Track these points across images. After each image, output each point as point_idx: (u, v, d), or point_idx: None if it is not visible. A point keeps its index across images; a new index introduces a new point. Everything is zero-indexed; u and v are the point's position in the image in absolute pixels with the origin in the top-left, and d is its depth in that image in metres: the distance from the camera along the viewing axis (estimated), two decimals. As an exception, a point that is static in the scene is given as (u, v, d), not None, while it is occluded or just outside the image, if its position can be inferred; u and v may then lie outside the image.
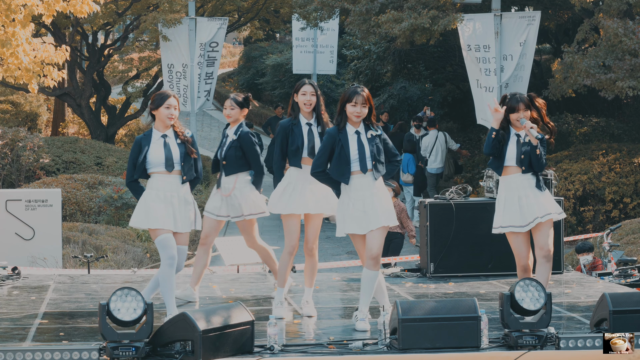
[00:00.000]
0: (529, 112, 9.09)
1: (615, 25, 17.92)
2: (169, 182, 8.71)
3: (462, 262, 11.41)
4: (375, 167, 8.65)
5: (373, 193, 8.62)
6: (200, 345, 7.24)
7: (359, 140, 8.62)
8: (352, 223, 8.64)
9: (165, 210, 8.65)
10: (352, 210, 8.62)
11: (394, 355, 7.56)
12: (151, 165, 8.72)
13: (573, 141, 22.52)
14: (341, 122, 8.66)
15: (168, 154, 8.70)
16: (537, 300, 7.78)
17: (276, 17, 29.84)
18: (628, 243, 15.10)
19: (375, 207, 8.58)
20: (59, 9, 15.49)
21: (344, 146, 8.60)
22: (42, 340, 8.08)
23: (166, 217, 8.64)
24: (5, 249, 13.32)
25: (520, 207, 9.06)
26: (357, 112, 8.56)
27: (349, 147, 8.60)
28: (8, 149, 20.73)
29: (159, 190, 8.70)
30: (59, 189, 15.12)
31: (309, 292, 9.25)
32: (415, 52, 25.98)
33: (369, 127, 8.69)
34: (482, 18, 19.97)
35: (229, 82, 42.03)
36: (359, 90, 8.57)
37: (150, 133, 8.81)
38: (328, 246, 18.85)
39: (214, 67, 22.74)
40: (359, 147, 8.61)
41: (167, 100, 8.75)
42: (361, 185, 8.62)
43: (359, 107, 8.56)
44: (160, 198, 8.68)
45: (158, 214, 8.63)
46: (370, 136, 8.66)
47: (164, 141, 8.74)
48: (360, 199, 8.60)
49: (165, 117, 8.73)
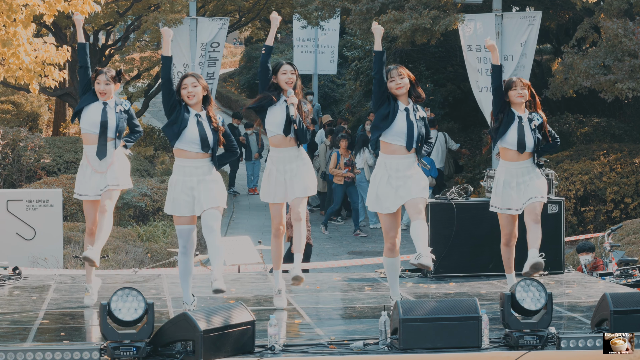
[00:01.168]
0: (526, 91, 9.50)
1: (615, 26, 17.92)
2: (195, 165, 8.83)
3: (463, 262, 11.41)
4: (419, 150, 8.96)
5: (409, 175, 8.92)
6: (201, 345, 7.25)
7: (407, 118, 8.90)
8: (386, 201, 8.93)
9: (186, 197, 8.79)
10: (386, 187, 8.92)
11: (395, 355, 7.56)
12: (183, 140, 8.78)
13: (574, 141, 22.51)
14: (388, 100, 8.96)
15: (202, 134, 8.78)
16: (538, 300, 7.78)
17: (277, 17, 29.81)
18: (629, 243, 15.10)
19: (408, 185, 8.90)
20: (60, 9, 15.49)
21: (392, 112, 8.88)
22: (43, 340, 8.08)
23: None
24: (6, 249, 13.32)
25: (518, 192, 9.51)
26: (397, 83, 8.92)
27: (396, 118, 8.88)
28: (9, 149, 20.74)
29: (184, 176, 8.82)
30: (60, 189, 15.12)
31: (297, 258, 9.28)
32: (416, 52, 25.98)
33: (417, 108, 9.02)
34: (483, 18, 19.98)
35: (230, 82, 42.04)
36: (391, 67, 8.98)
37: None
38: (329, 246, 18.85)
39: (216, 67, 22.74)
40: (407, 124, 8.89)
41: (183, 80, 8.84)
42: (399, 164, 8.92)
43: (397, 79, 8.92)
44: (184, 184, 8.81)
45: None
46: (419, 117, 8.99)
47: (197, 120, 8.82)
48: (401, 178, 8.92)
49: (185, 97, 8.79)
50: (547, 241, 11.52)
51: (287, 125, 9.16)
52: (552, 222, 11.57)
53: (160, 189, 19.23)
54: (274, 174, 9.26)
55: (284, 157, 9.24)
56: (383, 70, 8.94)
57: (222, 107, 38.39)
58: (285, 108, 9.16)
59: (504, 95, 9.54)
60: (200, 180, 8.79)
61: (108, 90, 9.40)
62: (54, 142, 23.31)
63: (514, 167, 9.51)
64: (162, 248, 16.50)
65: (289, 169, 9.23)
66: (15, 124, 26.04)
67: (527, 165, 9.52)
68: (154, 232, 17.95)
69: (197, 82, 8.85)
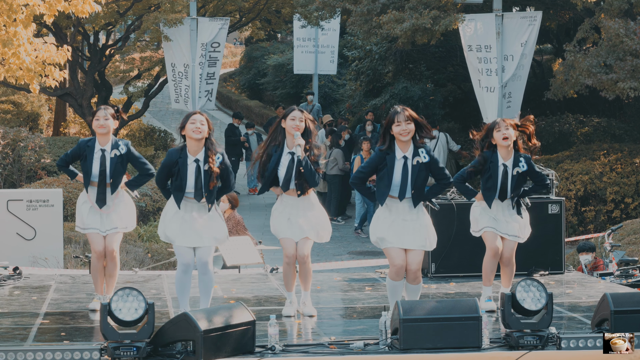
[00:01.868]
0: (511, 131, 9.20)
1: (616, 26, 17.94)
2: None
3: (463, 263, 11.41)
4: (415, 195, 8.70)
5: (413, 218, 8.73)
6: (202, 345, 7.25)
7: (404, 167, 8.67)
8: (392, 236, 8.71)
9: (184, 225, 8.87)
10: (392, 224, 8.72)
11: (395, 355, 7.56)
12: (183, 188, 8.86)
13: (574, 141, 22.52)
14: (388, 144, 8.68)
15: (198, 182, 8.81)
16: (538, 300, 7.78)
17: (277, 17, 29.85)
18: (629, 243, 15.10)
19: (416, 228, 8.72)
20: (60, 9, 15.49)
21: (389, 170, 8.66)
22: (44, 340, 8.08)
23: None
24: (6, 249, 13.33)
25: (496, 218, 9.39)
26: (403, 129, 8.58)
27: (393, 172, 8.65)
28: (9, 149, 20.74)
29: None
30: (60, 189, 15.13)
31: (306, 295, 9.30)
32: (416, 52, 25.97)
33: (417, 153, 8.71)
34: (483, 18, 19.97)
35: (230, 82, 42.04)
36: (399, 110, 8.62)
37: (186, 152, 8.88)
38: (329, 246, 18.84)
39: (216, 67, 22.73)
40: (402, 173, 8.66)
41: (191, 117, 8.82)
42: (397, 209, 8.73)
43: (404, 125, 8.58)
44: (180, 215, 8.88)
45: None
46: (417, 162, 8.69)
47: (196, 165, 8.82)
48: (400, 219, 8.73)
49: (190, 132, 8.77)
50: (548, 241, 11.55)
51: (286, 181, 9.03)
52: (553, 222, 11.57)
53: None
54: (284, 215, 9.13)
55: (296, 205, 9.12)
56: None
57: (222, 107, 38.41)
58: (289, 161, 9.01)
59: (488, 137, 9.30)
60: (198, 215, 8.87)
61: (107, 125, 9.33)
62: (54, 142, 23.32)
63: (494, 203, 9.42)
64: (162, 248, 16.50)
65: (302, 215, 9.10)
66: (15, 124, 26.03)
67: (507, 204, 9.41)
68: (154, 232, 17.95)
69: (206, 121, 8.86)
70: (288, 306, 9.26)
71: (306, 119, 9.03)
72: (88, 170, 9.33)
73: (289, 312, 9.19)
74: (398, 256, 8.65)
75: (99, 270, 9.51)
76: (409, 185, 8.66)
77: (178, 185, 8.83)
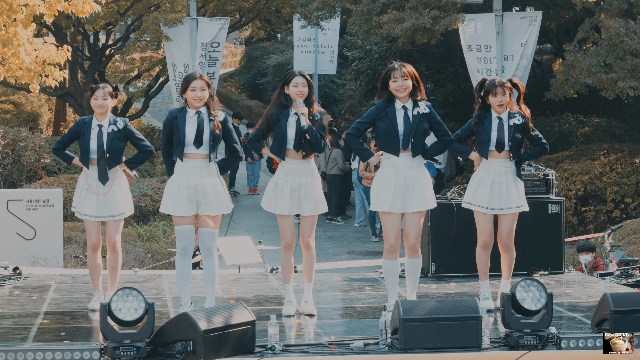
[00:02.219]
0: (507, 97, 9.24)
1: (616, 25, 17.94)
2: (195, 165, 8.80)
3: (463, 262, 11.40)
4: (415, 145, 8.78)
5: (411, 174, 8.80)
6: (202, 345, 7.24)
7: (405, 116, 8.79)
8: (387, 201, 8.81)
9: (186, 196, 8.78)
10: (393, 187, 8.80)
11: (395, 355, 7.56)
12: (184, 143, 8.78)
13: (574, 141, 22.53)
14: (386, 97, 8.83)
15: (199, 132, 8.74)
16: (538, 300, 7.78)
17: (277, 17, 29.87)
18: (629, 243, 15.10)
19: (414, 190, 8.79)
20: (60, 8, 15.49)
21: (392, 120, 8.76)
22: (44, 340, 8.08)
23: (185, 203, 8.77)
24: (6, 249, 13.33)
25: (491, 192, 9.28)
26: (399, 85, 8.79)
27: (396, 121, 8.76)
28: (9, 149, 20.74)
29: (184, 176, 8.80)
30: (60, 189, 15.13)
31: (308, 289, 9.23)
32: (416, 52, 25.97)
33: (417, 104, 8.88)
34: (483, 18, 19.98)
35: (230, 82, 42.05)
36: (396, 66, 8.85)
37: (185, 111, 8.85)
38: (329, 246, 18.85)
39: (216, 67, 22.74)
40: (404, 123, 8.77)
41: (191, 82, 8.79)
42: (398, 164, 8.80)
43: (400, 81, 8.79)
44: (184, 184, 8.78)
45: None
46: (417, 113, 8.85)
47: (198, 116, 8.78)
48: (402, 175, 8.80)
49: (192, 99, 8.77)
50: (548, 241, 11.54)
51: (298, 140, 8.96)
52: (553, 222, 11.56)
53: (160, 189, 19.24)
54: (281, 184, 9.02)
55: (297, 170, 9.03)
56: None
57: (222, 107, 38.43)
58: (295, 121, 8.95)
59: (485, 98, 9.33)
60: (200, 182, 8.79)
61: (105, 105, 9.32)
62: (54, 142, 23.31)
63: (491, 164, 9.31)
64: (162, 248, 16.50)
65: (303, 182, 9.02)
66: (15, 124, 26.05)
67: (507, 164, 9.31)
68: (154, 232, 17.95)
69: (206, 87, 8.84)
70: (287, 305, 9.18)
71: (309, 82, 9.05)
72: (86, 147, 9.29)
73: (289, 311, 9.13)
74: (393, 228, 8.81)
75: (95, 265, 9.49)
76: (410, 135, 8.76)
77: (177, 139, 8.74)
